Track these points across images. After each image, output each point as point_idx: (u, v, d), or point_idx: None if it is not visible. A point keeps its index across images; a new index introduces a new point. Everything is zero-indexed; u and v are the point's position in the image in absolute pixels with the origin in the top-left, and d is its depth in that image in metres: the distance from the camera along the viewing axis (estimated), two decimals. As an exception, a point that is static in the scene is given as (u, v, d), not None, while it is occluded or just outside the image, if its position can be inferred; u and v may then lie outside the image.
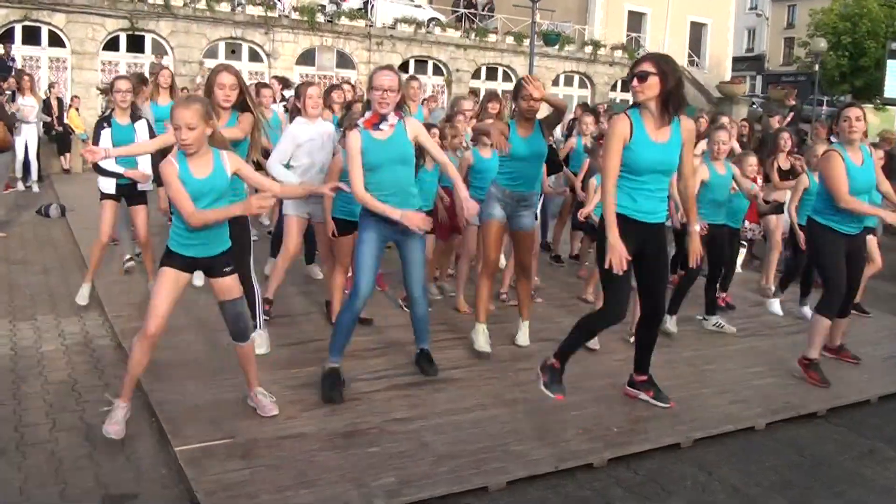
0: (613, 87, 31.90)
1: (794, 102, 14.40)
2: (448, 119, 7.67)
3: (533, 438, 4.46)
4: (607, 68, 31.25)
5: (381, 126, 4.84)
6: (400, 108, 4.92)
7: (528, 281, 6.13)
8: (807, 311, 7.13)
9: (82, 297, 6.63)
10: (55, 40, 22.12)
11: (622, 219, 4.49)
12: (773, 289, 7.97)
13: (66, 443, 4.18)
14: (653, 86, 4.42)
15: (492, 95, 8.26)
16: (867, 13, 35.62)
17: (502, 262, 7.40)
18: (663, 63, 4.45)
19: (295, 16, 24.86)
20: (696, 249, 4.90)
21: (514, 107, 5.82)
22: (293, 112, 6.36)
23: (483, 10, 30.87)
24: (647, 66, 4.42)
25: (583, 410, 4.89)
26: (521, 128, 5.64)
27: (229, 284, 4.31)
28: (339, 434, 4.36)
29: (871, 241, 7.52)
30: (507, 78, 28.44)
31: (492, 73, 28.66)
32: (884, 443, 4.88)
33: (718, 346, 6.46)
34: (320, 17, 25.31)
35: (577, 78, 31.06)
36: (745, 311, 7.57)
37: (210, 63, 22.34)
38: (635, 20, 34.91)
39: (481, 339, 5.78)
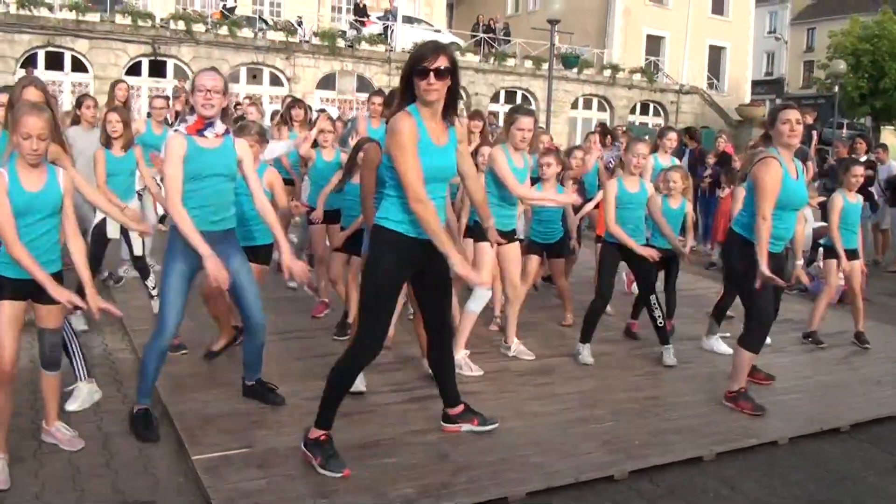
0: (633, 110, 31.98)
1: (810, 122, 14.39)
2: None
3: (552, 450, 4.41)
4: (626, 91, 31.35)
5: (205, 133, 4.32)
6: (226, 116, 4.46)
7: None
8: (714, 342, 6.62)
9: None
10: (77, 66, 22.48)
11: (398, 237, 3.88)
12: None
13: (84, 451, 4.17)
14: (447, 83, 3.82)
15: (473, 113, 8.29)
16: (887, 34, 35.57)
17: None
18: (453, 57, 3.83)
19: (315, 41, 25.16)
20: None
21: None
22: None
23: (501, 33, 31.06)
24: (446, 61, 3.76)
25: (603, 424, 4.84)
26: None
27: (55, 312, 4.02)
28: (356, 445, 4.32)
29: (856, 265, 7.15)
30: (526, 101, 28.52)
31: (510, 97, 28.79)
32: (909, 459, 4.81)
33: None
34: (341, 43, 25.59)
35: (595, 101, 31.17)
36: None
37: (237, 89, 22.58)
38: (654, 43, 35.06)
39: None
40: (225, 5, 25.55)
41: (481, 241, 5.67)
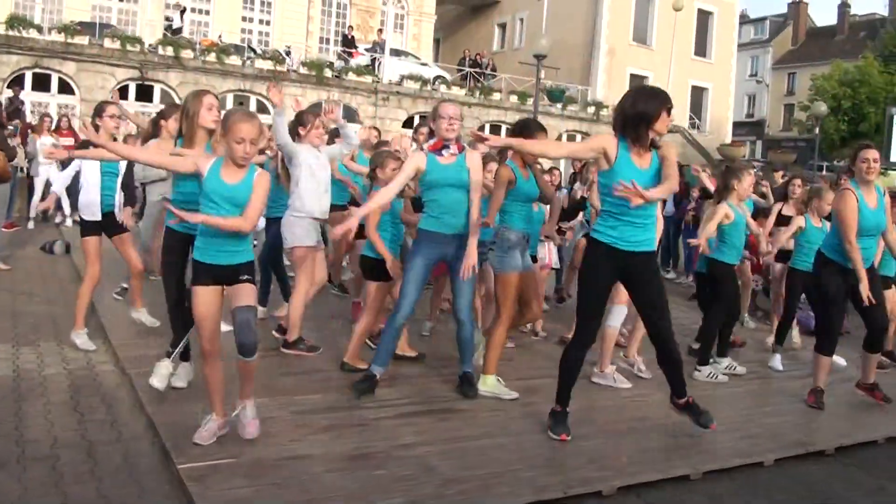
0: (615, 147, 32.19)
1: (793, 158, 14.65)
2: None
3: (541, 465, 4.40)
4: (609, 128, 31.52)
5: (443, 152, 5.21)
6: (459, 139, 5.33)
7: None
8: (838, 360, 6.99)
9: (85, 343, 6.18)
10: (64, 87, 22.43)
11: (606, 248, 4.62)
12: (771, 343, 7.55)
13: (68, 458, 4.11)
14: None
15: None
16: (867, 79, 36.23)
17: None
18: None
19: (303, 70, 25.26)
20: None
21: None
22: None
23: (486, 69, 31.34)
24: None
25: (592, 441, 4.84)
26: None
27: (245, 291, 4.26)
28: (345, 457, 4.29)
29: (893, 294, 7.25)
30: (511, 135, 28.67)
31: (496, 131, 28.96)
32: (892, 481, 4.83)
33: (729, 386, 6.42)
34: (328, 73, 25.71)
35: (578, 137, 31.37)
36: (755, 355, 7.50)
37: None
38: (637, 83, 35.33)
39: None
40: (171, 26, 25.71)
41: None
